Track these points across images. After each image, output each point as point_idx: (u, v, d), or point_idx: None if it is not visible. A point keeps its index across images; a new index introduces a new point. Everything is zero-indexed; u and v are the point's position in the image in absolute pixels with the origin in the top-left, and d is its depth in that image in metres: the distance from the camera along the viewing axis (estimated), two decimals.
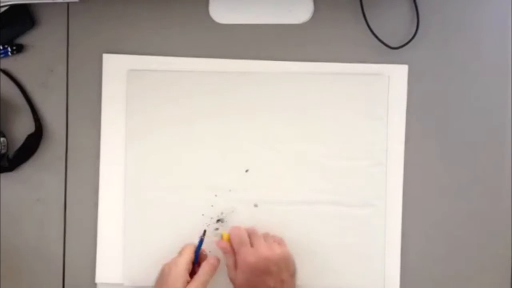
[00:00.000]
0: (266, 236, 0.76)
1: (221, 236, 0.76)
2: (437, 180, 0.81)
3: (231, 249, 0.75)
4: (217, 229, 0.80)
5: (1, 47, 0.80)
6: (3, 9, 0.77)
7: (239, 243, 0.74)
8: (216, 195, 0.80)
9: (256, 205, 0.80)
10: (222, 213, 0.80)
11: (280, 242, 0.77)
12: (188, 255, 0.75)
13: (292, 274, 0.74)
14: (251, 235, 0.75)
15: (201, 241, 0.76)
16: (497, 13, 0.81)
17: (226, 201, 0.80)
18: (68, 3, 0.81)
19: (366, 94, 0.80)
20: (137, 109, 0.81)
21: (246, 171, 0.80)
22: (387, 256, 0.80)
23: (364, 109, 0.80)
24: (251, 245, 0.74)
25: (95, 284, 0.81)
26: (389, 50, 0.80)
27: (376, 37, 0.79)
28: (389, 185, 0.80)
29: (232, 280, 0.74)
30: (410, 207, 0.81)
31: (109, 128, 0.81)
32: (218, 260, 0.75)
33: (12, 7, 0.78)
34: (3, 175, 0.81)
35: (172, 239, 0.80)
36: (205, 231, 0.78)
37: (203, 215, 0.80)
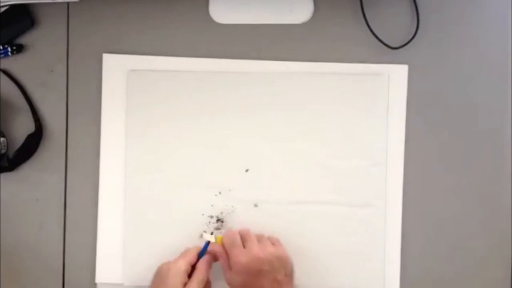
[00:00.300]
0: (260, 238, 0.76)
1: (215, 239, 0.76)
2: (437, 180, 0.81)
3: (224, 251, 0.75)
4: (217, 228, 0.80)
5: (1, 47, 0.80)
6: (3, 9, 0.77)
7: (231, 244, 0.74)
8: (216, 195, 0.80)
9: (256, 205, 0.80)
10: (222, 213, 0.80)
11: (275, 242, 0.76)
12: (190, 257, 0.74)
13: (289, 274, 0.74)
14: (244, 236, 0.75)
15: (206, 245, 0.76)
16: (497, 13, 0.81)
17: (226, 200, 0.80)
18: (68, 3, 0.81)
19: (366, 94, 0.80)
20: (137, 109, 0.81)
21: (246, 170, 0.80)
22: (387, 256, 0.80)
23: (364, 109, 0.80)
24: (244, 246, 0.74)
25: (95, 284, 0.81)
26: (389, 50, 0.80)
27: (376, 37, 0.80)
28: (389, 185, 0.80)
29: (228, 282, 0.74)
30: (410, 207, 0.81)
31: (109, 128, 0.81)
32: (212, 257, 0.74)
33: (12, 7, 0.78)
34: (3, 175, 0.81)
35: (172, 238, 0.80)
36: (212, 233, 0.78)
37: (203, 214, 0.80)
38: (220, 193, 0.80)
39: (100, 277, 0.81)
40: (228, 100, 0.81)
